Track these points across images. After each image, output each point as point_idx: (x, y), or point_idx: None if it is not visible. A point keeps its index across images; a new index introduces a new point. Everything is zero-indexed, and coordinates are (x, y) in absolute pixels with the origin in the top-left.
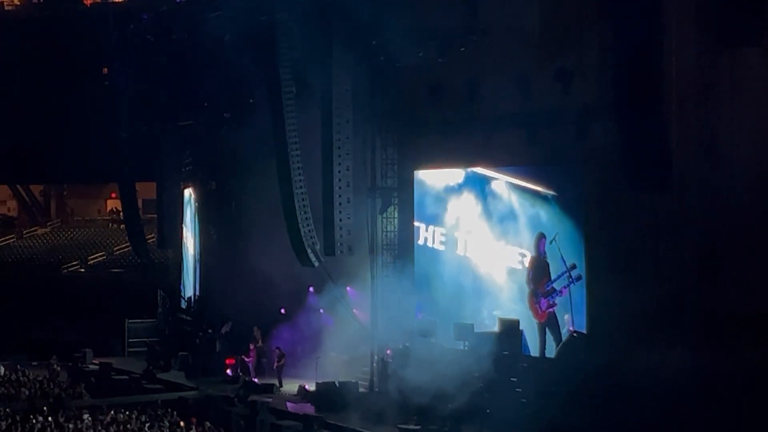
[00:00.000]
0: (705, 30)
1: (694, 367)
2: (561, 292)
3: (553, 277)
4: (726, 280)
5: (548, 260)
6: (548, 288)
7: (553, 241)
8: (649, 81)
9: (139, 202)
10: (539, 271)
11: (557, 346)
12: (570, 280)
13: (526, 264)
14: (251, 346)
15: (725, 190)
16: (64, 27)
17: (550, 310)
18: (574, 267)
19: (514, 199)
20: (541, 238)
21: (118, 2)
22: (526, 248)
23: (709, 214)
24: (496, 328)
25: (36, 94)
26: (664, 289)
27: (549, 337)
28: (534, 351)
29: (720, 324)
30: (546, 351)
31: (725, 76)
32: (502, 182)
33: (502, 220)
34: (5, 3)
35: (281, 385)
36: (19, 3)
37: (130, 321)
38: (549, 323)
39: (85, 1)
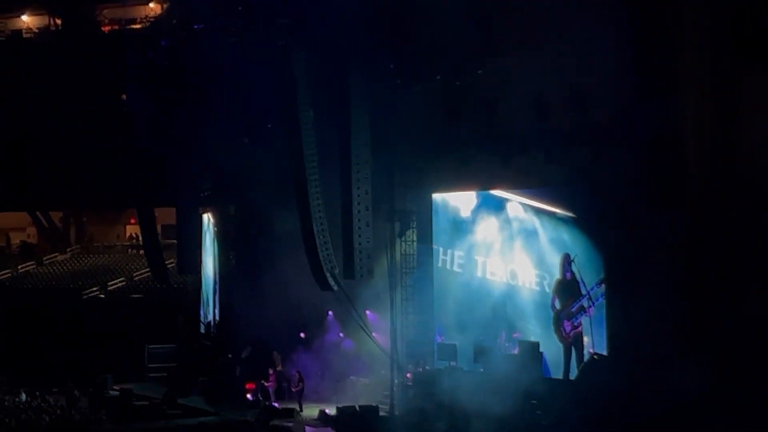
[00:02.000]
0: (722, 46)
1: (715, 387)
2: (587, 311)
3: (577, 297)
4: (747, 297)
5: (575, 281)
6: (574, 309)
7: (573, 262)
8: (665, 102)
9: (159, 228)
10: (565, 292)
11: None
12: (592, 300)
13: (546, 285)
14: (271, 371)
15: (744, 207)
16: (83, 53)
17: (576, 331)
18: (602, 283)
19: (532, 221)
20: (565, 260)
21: (136, 29)
22: (545, 270)
23: (729, 232)
24: (516, 351)
25: (54, 120)
26: (684, 309)
27: (574, 359)
28: (557, 373)
29: (741, 343)
30: (570, 373)
31: (743, 93)
32: (520, 204)
33: (520, 242)
34: (24, 30)
35: (301, 410)
36: (37, 30)
37: (150, 346)
38: (574, 344)
39: (103, 28)
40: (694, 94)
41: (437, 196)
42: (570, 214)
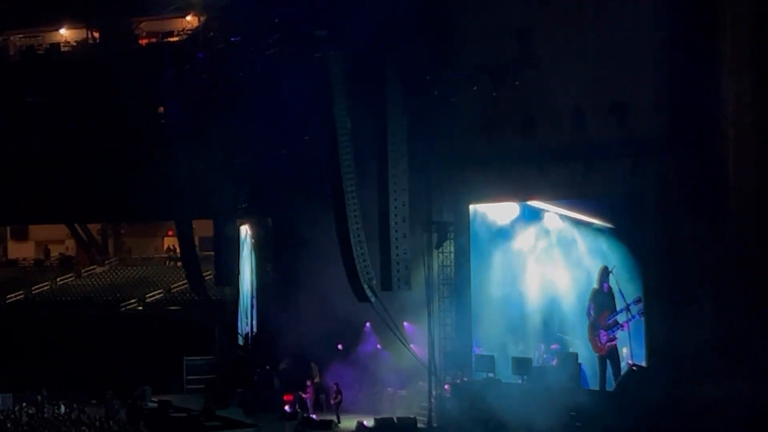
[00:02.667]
0: (761, 63)
1: (755, 400)
2: (623, 326)
3: (613, 310)
4: None
5: (611, 293)
6: (609, 321)
7: (611, 273)
8: (705, 113)
9: (196, 240)
10: (601, 304)
11: (617, 379)
12: (630, 315)
13: (584, 297)
14: (309, 383)
15: None
16: (120, 67)
17: (611, 344)
18: (639, 301)
19: (570, 232)
20: (603, 271)
21: (174, 41)
22: (584, 281)
23: None
24: (554, 362)
25: (92, 133)
26: (723, 321)
27: (609, 370)
28: (594, 384)
29: None
30: (606, 384)
31: None
32: (557, 215)
33: (558, 253)
34: (62, 44)
35: (339, 421)
36: (75, 44)
37: (188, 358)
38: (609, 356)
39: (140, 41)
40: (734, 106)
41: (475, 207)
42: (608, 225)
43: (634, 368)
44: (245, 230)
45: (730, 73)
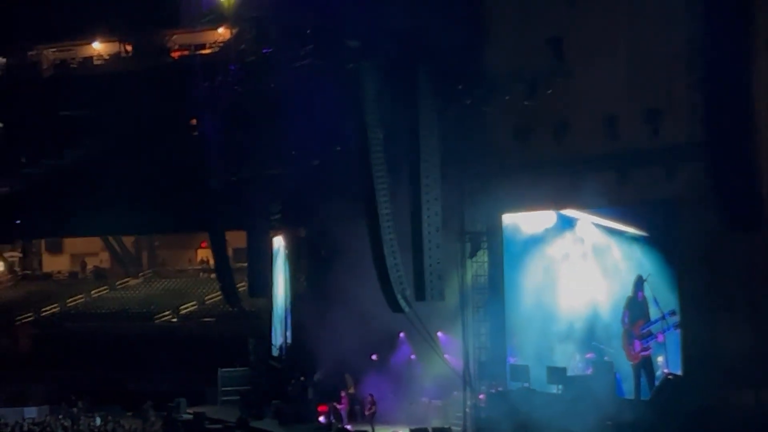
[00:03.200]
0: None
1: None
2: (657, 337)
3: (647, 319)
4: None
5: (645, 301)
6: (644, 331)
7: (646, 281)
8: (740, 119)
9: (230, 251)
10: (636, 312)
11: (651, 388)
12: (666, 326)
13: (619, 306)
14: (343, 393)
15: None
16: (153, 79)
17: (645, 353)
18: (674, 313)
19: (604, 241)
20: (638, 279)
21: (206, 54)
22: (618, 290)
23: None
24: (589, 371)
25: (126, 146)
26: (760, 330)
27: (643, 379)
28: (629, 393)
29: None
30: (640, 393)
31: None
32: (591, 224)
33: (592, 261)
34: (95, 57)
35: None
36: (108, 57)
37: (223, 370)
38: (643, 365)
39: (173, 54)
40: (767, 114)
41: (508, 217)
42: (643, 233)
43: (670, 377)
44: (279, 241)
45: (765, 77)
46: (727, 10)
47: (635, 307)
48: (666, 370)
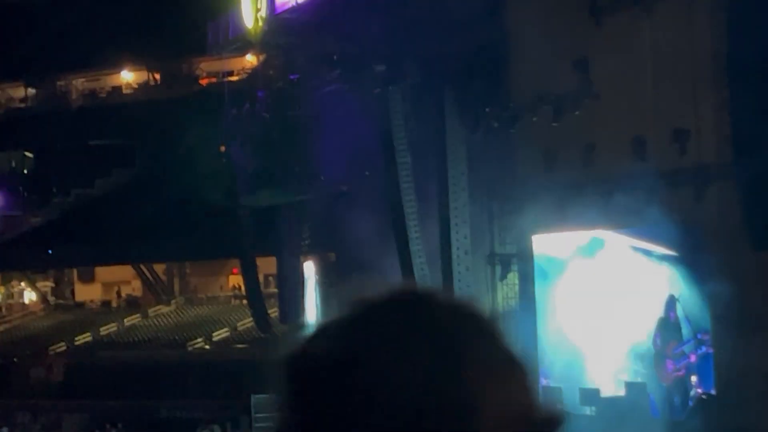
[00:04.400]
0: None
1: None
2: (690, 357)
3: (680, 339)
4: None
5: (678, 322)
6: (677, 351)
7: (677, 302)
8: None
9: (261, 277)
10: (667, 333)
11: (684, 408)
12: (699, 346)
13: (649, 326)
14: None
15: None
16: (182, 107)
17: (678, 374)
18: (706, 333)
19: (634, 261)
20: (670, 299)
21: (234, 81)
22: (649, 309)
23: None
24: (622, 392)
25: (155, 173)
26: None
27: (677, 399)
28: (663, 414)
29: None
30: (674, 414)
31: None
32: (621, 244)
33: (622, 281)
34: (123, 86)
35: None
36: (136, 86)
37: (256, 396)
38: (676, 386)
39: (201, 81)
40: None
41: (538, 238)
42: (673, 254)
43: (704, 397)
44: (309, 266)
45: None
46: (752, 29)
47: (667, 328)
48: (700, 390)
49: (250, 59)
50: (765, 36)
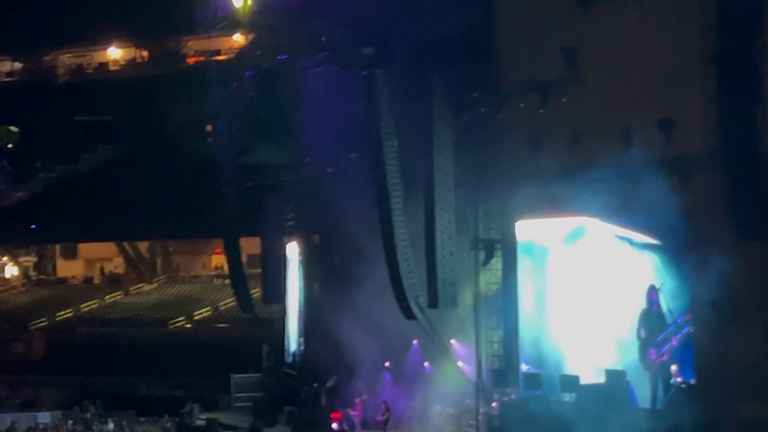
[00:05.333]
0: None
1: None
2: (672, 341)
3: (664, 328)
4: None
5: (660, 311)
6: (659, 339)
7: (659, 291)
8: (753, 130)
9: (244, 257)
10: (651, 322)
11: (666, 397)
12: (680, 329)
13: (631, 314)
14: (357, 400)
15: None
16: (169, 85)
17: (661, 359)
18: (687, 317)
19: (617, 249)
20: (651, 290)
21: (221, 60)
22: (631, 298)
23: None
24: (602, 380)
25: (140, 151)
26: None
27: (660, 388)
28: (644, 402)
29: None
30: (657, 402)
31: None
32: (605, 232)
33: (605, 269)
34: (110, 63)
35: None
36: (124, 63)
37: (236, 376)
38: (660, 374)
39: (188, 60)
40: None
41: (521, 224)
42: (656, 243)
43: (683, 386)
44: (293, 248)
45: None
46: (740, 22)
47: (650, 319)
48: (679, 379)
49: (238, 38)
50: (752, 28)
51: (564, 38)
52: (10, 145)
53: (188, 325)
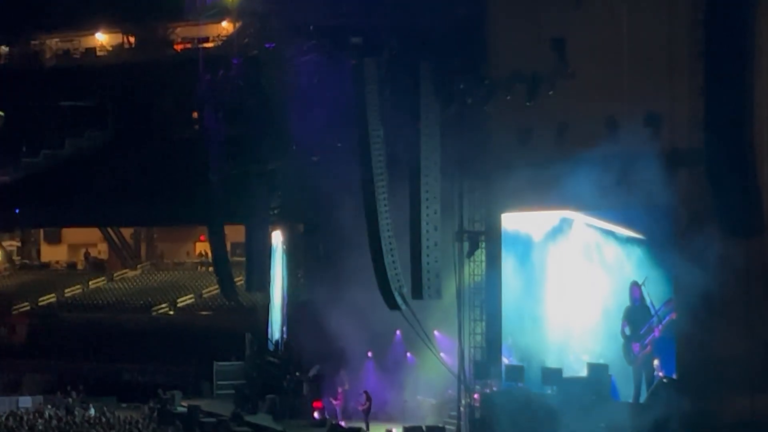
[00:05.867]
0: None
1: None
2: (654, 331)
3: (647, 322)
4: None
5: (644, 306)
6: (642, 332)
7: (643, 285)
8: (740, 125)
9: (228, 245)
10: (635, 318)
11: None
12: (660, 320)
13: (615, 306)
14: (339, 389)
15: None
16: (156, 71)
17: (645, 352)
18: (670, 301)
19: (602, 243)
20: (633, 286)
21: (209, 48)
22: (614, 291)
23: None
24: (584, 373)
25: (127, 137)
26: (755, 335)
27: (643, 381)
28: (626, 396)
29: None
30: (640, 397)
31: None
32: (590, 226)
33: (589, 263)
34: (97, 48)
35: (368, 429)
36: (111, 49)
37: (219, 363)
38: (644, 367)
39: (175, 47)
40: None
41: (507, 217)
42: (641, 237)
43: (665, 380)
44: (277, 236)
45: (765, 85)
46: (729, 16)
47: (634, 314)
48: (661, 373)
49: (226, 26)
50: (741, 23)
51: (553, 30)
52: None
53: (171, 312)
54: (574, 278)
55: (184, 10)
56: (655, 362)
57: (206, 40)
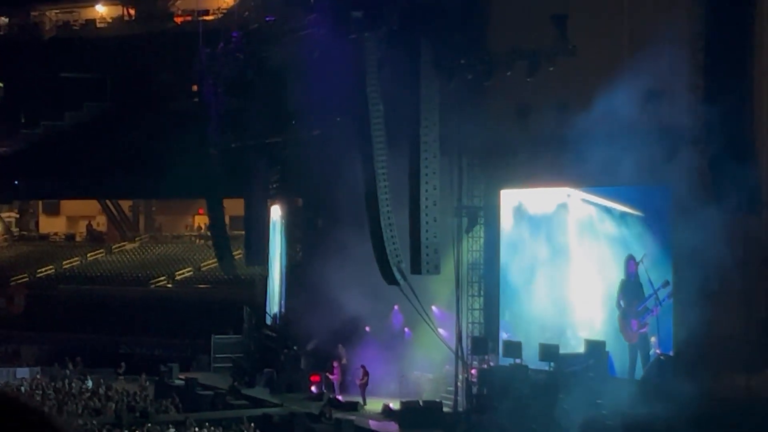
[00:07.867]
0: None
1: None
2: (653, 311)
3: (642, 298)
4: None
5: (639, 281)
6: (639, 309)
7: (641, 263)
8: (740, 103)
9: (227, 219)
10: (630, 292)
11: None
12: (659, 300)
13: (613, 284)
14: (336, 364)
15: None
16: (156, 44)
17: (642, 330)
18: (667, 283)
19: (600, 219)
20: (629, 260)
21: (209, 20)
22: (613, 268)
23: None
24: (581, 349)
25: (126, 110)
26: (753, 315)
27: (639, 358)
28: (622, 373)
29: None
30: (636, 373)
31: None
32: (588, 202)
33: (587, 239)
34: (97, 20)
35: (365, 403)
36: (111, 21)
37: (217, 336)
38: (640, 345)
39: (176, 20)
40: None
41: (505, 193)
42: (640, 214)
43: (662, 357)
44: (276, 210)
45: (766, 63)
46: None
47: (629, 288)
48: (658, 350)
49: None
50: (743, 2)
51: (554, 6)
52: None
53: (169, 285)
54: (573, 254)
55: None
56: (653, 339)
57: (206, 12)
